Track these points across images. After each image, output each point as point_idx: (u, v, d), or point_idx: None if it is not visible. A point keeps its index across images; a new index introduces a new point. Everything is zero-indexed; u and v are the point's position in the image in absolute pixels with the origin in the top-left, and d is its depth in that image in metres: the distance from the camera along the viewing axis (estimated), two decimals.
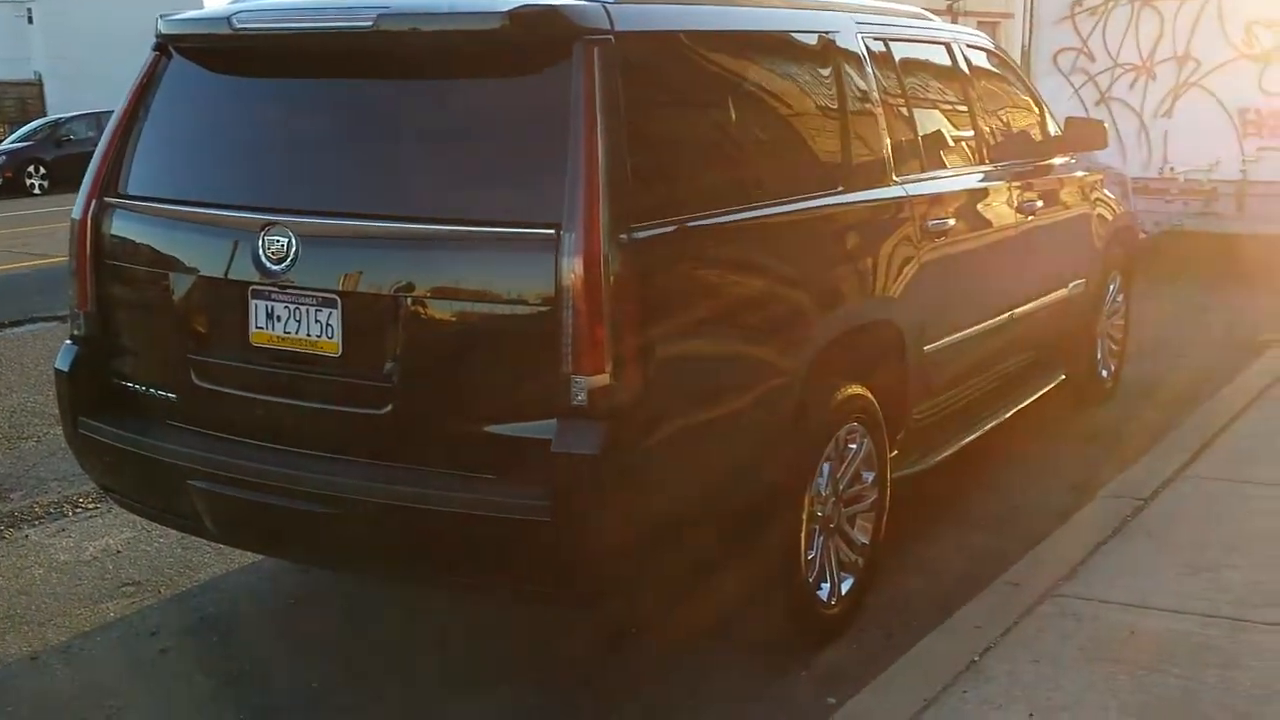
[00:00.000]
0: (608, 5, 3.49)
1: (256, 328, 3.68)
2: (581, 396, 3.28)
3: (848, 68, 4.46)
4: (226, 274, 3.73)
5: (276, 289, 3.62)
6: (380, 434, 3.54)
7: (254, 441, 3.73)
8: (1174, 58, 10.11)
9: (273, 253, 3.60)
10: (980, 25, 38.54)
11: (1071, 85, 10.31)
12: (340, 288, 3.55)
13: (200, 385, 3.81)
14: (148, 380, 3.97)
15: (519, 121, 3.45)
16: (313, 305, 3.59)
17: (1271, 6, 9.67)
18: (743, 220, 3.76)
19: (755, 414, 3.81)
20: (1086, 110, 9.99)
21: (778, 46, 4.27)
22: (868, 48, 4.62)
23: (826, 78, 4.37)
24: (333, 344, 3.57)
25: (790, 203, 3.99)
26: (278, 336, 3.65)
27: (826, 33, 4.44)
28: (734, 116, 3.95)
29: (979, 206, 5.17)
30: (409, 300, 3.49)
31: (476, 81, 3.55)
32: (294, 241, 3.56)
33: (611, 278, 3.26)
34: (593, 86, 3.33)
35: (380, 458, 3.53)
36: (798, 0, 4.63)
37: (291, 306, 3.62)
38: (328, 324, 3.57)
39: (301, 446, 3.65)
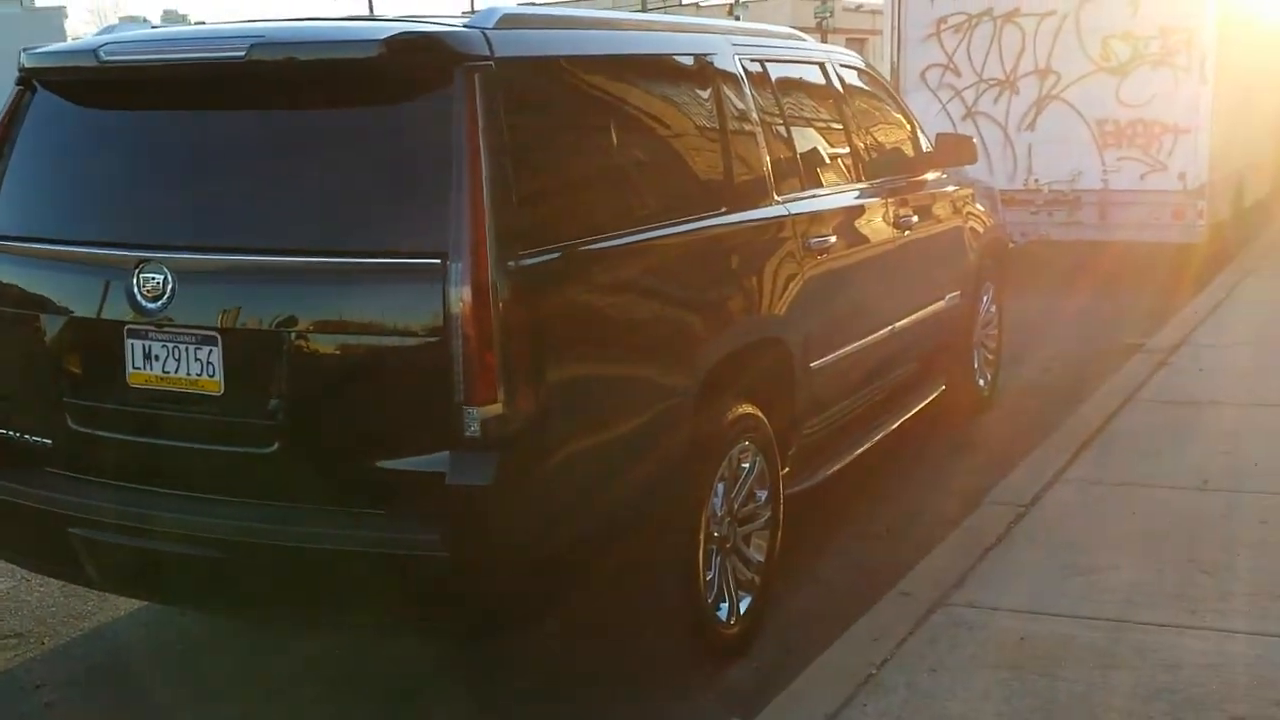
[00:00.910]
0: (486, 31, 3.47)
1: (134, 368, 3.56)
2: (474, 427, 3.24)
3: (726, 89, 4.50)
4: (101, 314, 3.62)
5: (153, 328, 3.52)
6: (267, 473, 3.45)
7: (136, 486, 3.61)
8: (1035, 72, 10.46)
9: (148, 290, 3.49)
10: (848, 42, 39.44)
11: (939, 100, 10.59)
12: (220, 324, 3.46)
13: (78, 430, 3.68)
14: (22, 426, 3.81)
15: (400, 150, 3.40)
16: (192, 343, 3.49)
17: (1126, 21, 10.07)
18: (630, 243, 3.77)
19: (649, 436, 3.81)
20: (954, 124, 10.27)
21: (658, 69, 4.30)
22: (745, 69, 4.67)
23: (706, 99, 4.41)
24: (214, 382, 3.48)
25: (676, 224, 4.00)
26: (156, 376, 3.54)
27: (704, 55, 4.48)
28: (617, 140, 3.95)
29: (858, 223, 5.27)
30: (292, 335, 3.41)
31: (355, 110, 3.49)
32: (170, 278, 3.47)
33: (500, 306, 3.24)
34: (474, 113, 3.30)
35: (268, 497, 3.44)
36: (675, 23, 4.68)
37: (170, 345, 3.52)
38: (208, 362, 3.48)
39: (186, 489, 3.54)
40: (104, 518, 3.58)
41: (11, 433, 3.83)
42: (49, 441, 3.75)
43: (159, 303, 3.49)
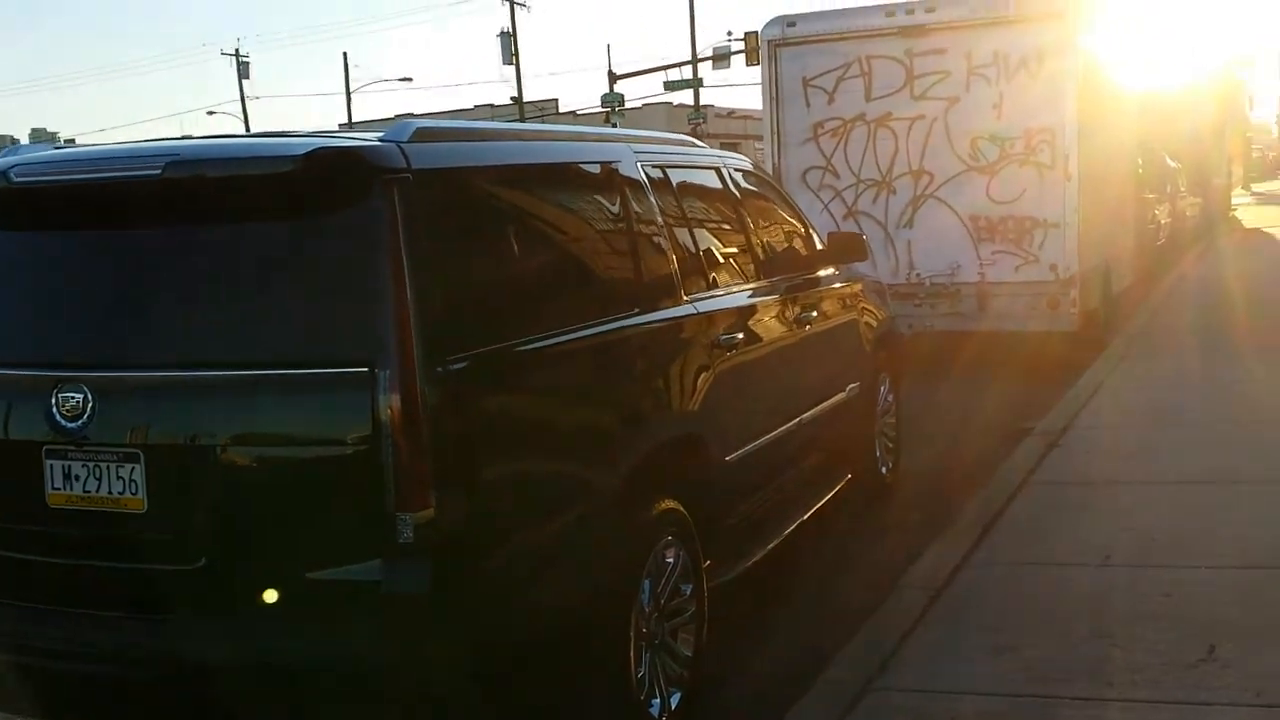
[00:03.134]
0: (402, 145, 3.55)
1: (53, 489, 3.51)
2: (408, 534, 3.25)
3: (631, 195, 4.64)
4: (18, 435, 3.58)
5: (73, 447, 3.48)
6: (195, 590, 3.39)
7: (59, 609, 3.52)
8: (910, 172, 10.91)
9: (67, 410, 3.46)
10: (723, 147, 40.51)
11: (821, 200, 10.96)
12: (143, 442, 3.42)
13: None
14: None
15: (323, 262, 3.44)
16: (113, 461, 3.45)
17: (991, 123, 10.60)
18: (552, 345, 3.84)
19: (578, 536, 3.84)
20: (837, 223, 10.61)
21: (567, 177, 4.42)
22: (647, 175, 4.82)
23: (614, 205, 4.54)
24: (137, 500, 3.43)
25: (594, 326, 4.09)
26: (77, 496, 3.49)
27: (610, 162, 4.62)
28: (533, 246, 4.05)
29: (762, 320, 5.42)
30: (218, 449, 3.40)
31: (275, 224, 3.52)
32: (90, 397, 3.45)
33: (429, 411, 3.27)
34: (395, 224, 3.37)
35: (198, 615, 3.38)
36: (579, 133, 4.82)
37: (90, 464, 3.48)
38: (131, 480, 3.44)
39: (111, 610, 3.47)
40: (27, 642, 3.49)
41: None
42: None
43: (78, 422, 3.46)
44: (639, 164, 4.80)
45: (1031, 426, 8.20)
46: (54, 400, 3.45)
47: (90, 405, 3.43)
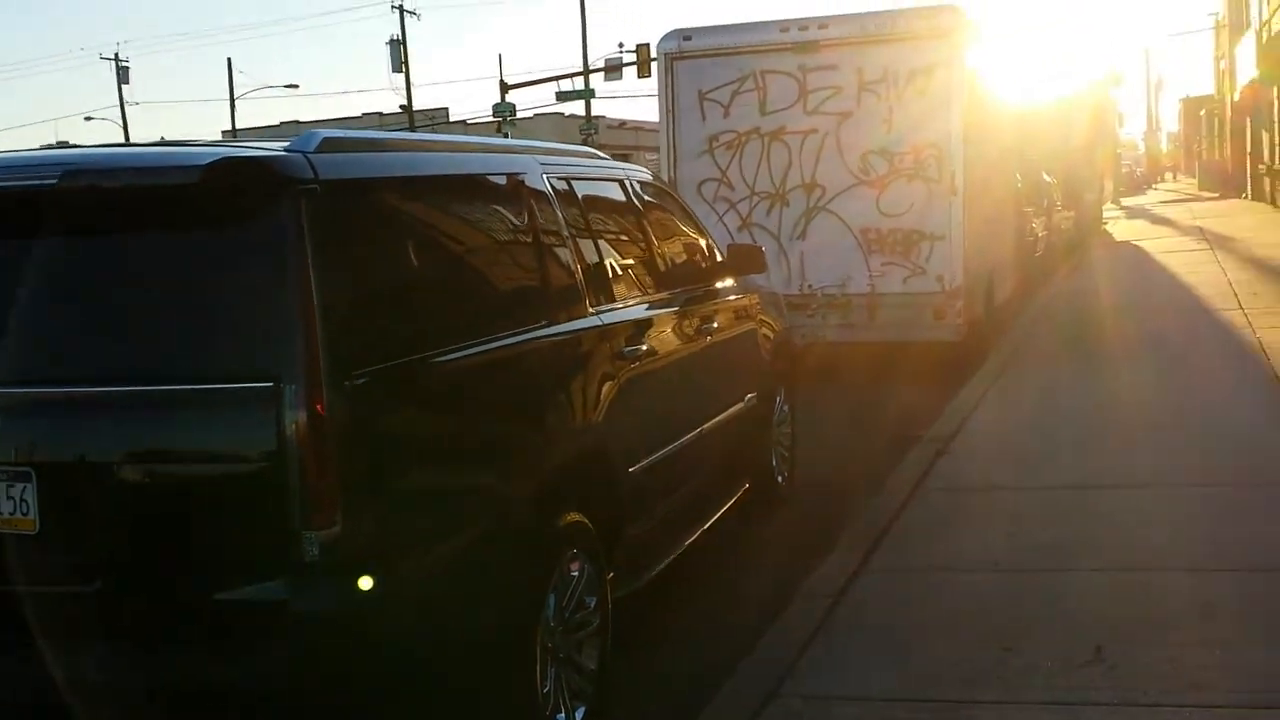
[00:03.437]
0: (309, 155, 3.51)
1: None
2: (314, 551, 3.20)
3: (538, 206, 4.64)
4: None
5: None
6: (91, 613, 3.29)
7: None
8: (803, 185, 11.10)
9: None
10: (615, 157, 40.64)
11: (716, 212, 11.08)
12: (34, 459, 3.31)
13: None
14: None
15: (228, 275, 3.37)
16: (3, 481, 3.32)
17: (881, 138, 10.84)
18: (458, 358, 3.82)
19: (485, 550, 3.82)
20: (731, 235, 10.74)
21: (474, 189, 4.41)
22: (553, 187, 4.83)
23: (521, 217, 4.54)
24: (28, 521, 3.32)
25: (502, 338, 4.08)
26: None
27: (516, 174, 4.62)
28: (441, 257, 4.03)
29: (665, 331, 5.47)
30: (115, 467, 3.31)
31: (177, 236, 3.44)
32: None
33: (336, 426, 3.23)
34: (301, 236, 3.32)
35: (95, 639, 3.27)
36: (486, 144, 4.81)
37: None
38: (21, 499, 3.32)
39: (4, 634, 3.33)
40: None
41: None
42: None
43: None
44: (544, 176, 4.80)
45: (921, 434, 8.39)
46: None
47: None
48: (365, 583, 3.21)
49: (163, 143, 4.19)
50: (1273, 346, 10.63)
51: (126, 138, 51.69)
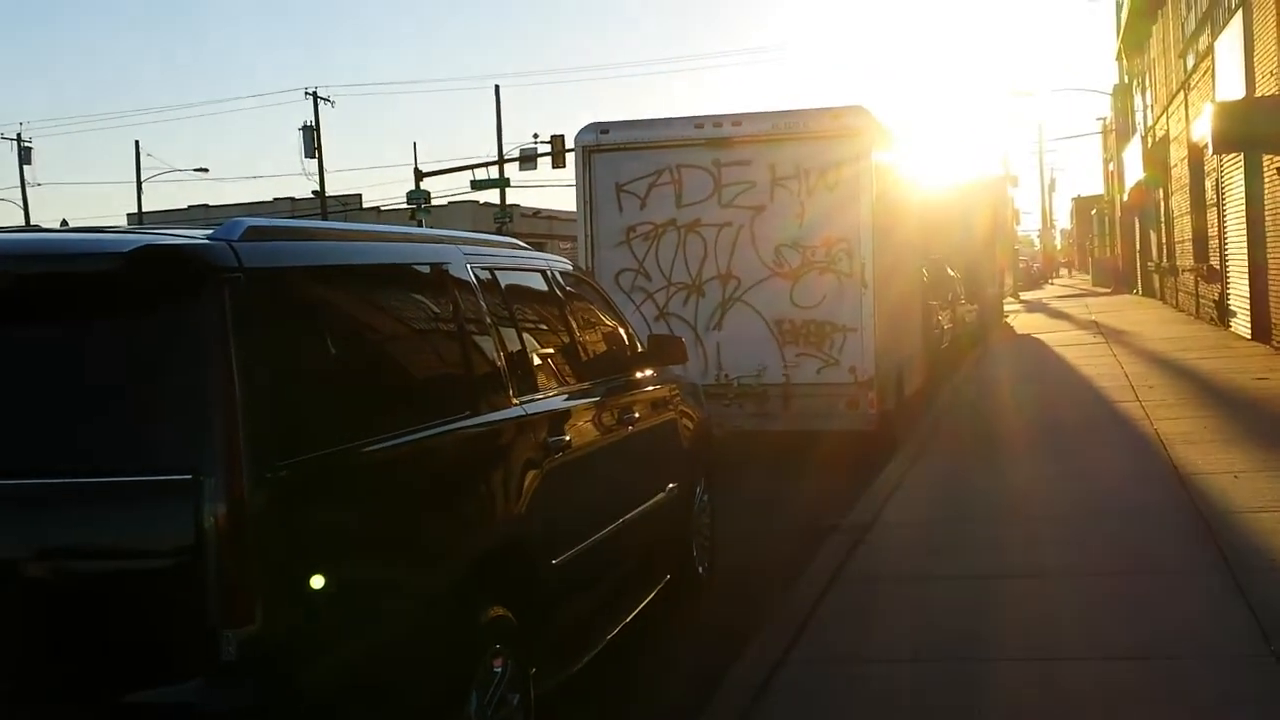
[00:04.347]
0: (233, 243, 3.46)
1: None
2: (231, 650, 3.10)
3: (461, 296, 4.63)
4: None
5: None
6: None
7: None
8: (718, 276, 11.25)
9: None
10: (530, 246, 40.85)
11: (633, 302, 11.14)
12: None
13: None
14: None
15: (146, 363, 3.29)
16: None
17: (794, 232, 11.05)
18: (381, 449, 3.76)
19: (407, 647, 3.73)
20: (648, 324, 10.82)
21: (399, 278, 4.39)
22: (476, 277, 4.83)
23: (445, 306, 4.52)
24: None
25: (424, 428, 4.04)
26: None
27: (440, 264, 4.61)
28: (364, 347, 3.99)
29: (587, 421, 5.45)
30: (23, 563, 3.18)
31: (94, 324, 3.36)
32: None
33: (255, 520, 3.16)
34: (224, 325, 3.27)
35: None
36: (409, 234, 4.80)
37: None
38: None
39: None
40: None
41: None
42: None
43: None
44: (468, 266, 4.80)
45: (837, 524, 8.44)
46: None
47: None
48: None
49: (65, 226, 4.11)
50: (1169, 437, 10.95)
51: (27, 219, 50.67)
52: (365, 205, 52.52)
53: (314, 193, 49.88)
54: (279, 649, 3.17)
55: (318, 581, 3.35)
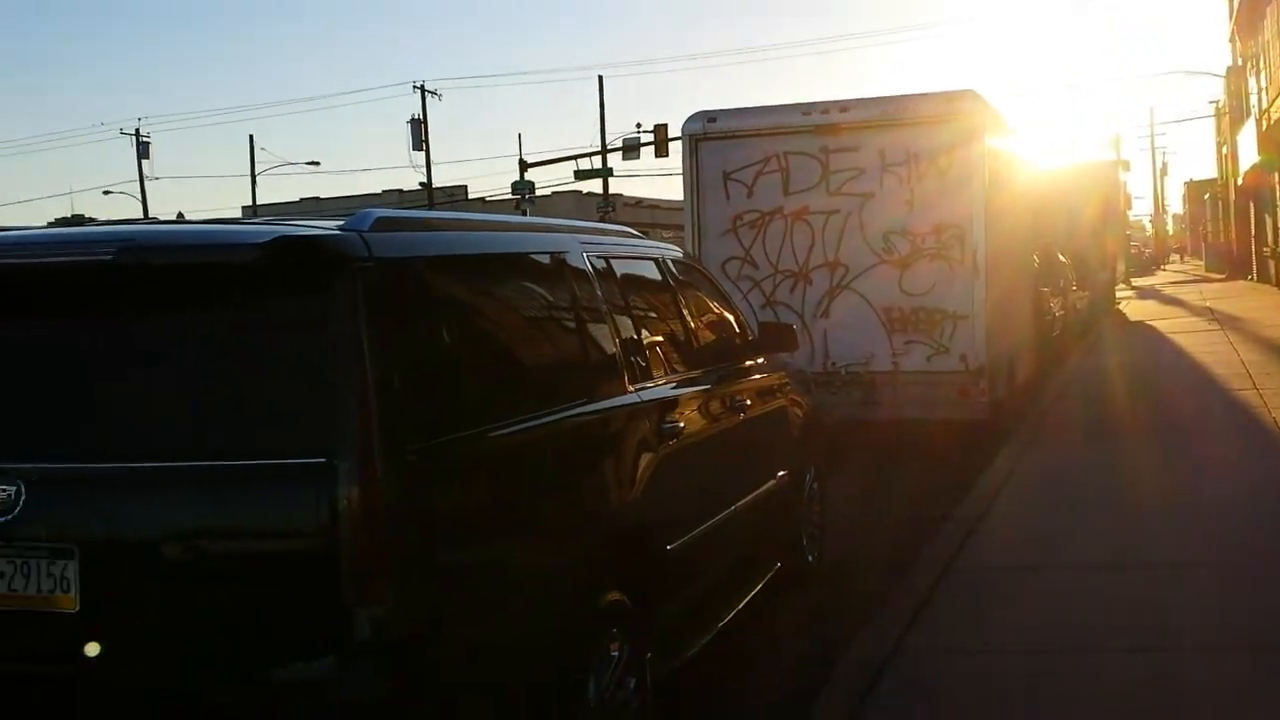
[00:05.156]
0: (364, 234, 3.55)
1: None
2: (364, 630, 3.18)
3: (578, 285, 4.68)
4: None
5: (0, 542, 3.32)
6: (132, 696, 3.26)
7: None
8: (826, 264, 11.17)
9: None
10: None
11: (740, 290, 11.12)
12: (78, 537, 3.30)
13: None
14: None
15: (280, 351, 3.39)
16: (44, 558, 3.31)
17: (904, 219, 10.93)
18: (506, 434, 3.83)
19: (529, 631, 3.79)
20: (755, 313, 10.79)
21: (519, 267, 4.45)
22: (593, 265, 4.87)
23: (562, 295, 4.57)
24: (69, 599, 3.29)
25: (544, 415, 4.09)
26: (1, 595, 3.33)
27: (558, 253, 4.66)
28: (487, 334, 4.07)
29: (701, 408, 5.47)
30: (162, 544, 3.30)
31: (231, 312, 3.46)
32: (22, 490, 3.30)
33: (388, 503, 3.23)
34: (356, 313, 3.35)
35: None
36: (528, 223, 4.86)
37: (18, 560, 3.33)
38: (63, 577, 3.30)
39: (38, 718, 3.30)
40: None
41: None
42: None
43: (8, 516, 3.31)
44: (585, 254, 4.85)
45: (949, 513, 8.34)
46: None
47: (22, 499, 3.30)
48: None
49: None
50: None
51: (145, 212, 52.26)
52: (471, 196, 53.17)
53: (421, 184, 50.66)
54: (409, 629, 3.25)
55: (444, 564, 3.43)
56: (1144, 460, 9.93)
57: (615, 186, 48.47)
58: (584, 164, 43.85)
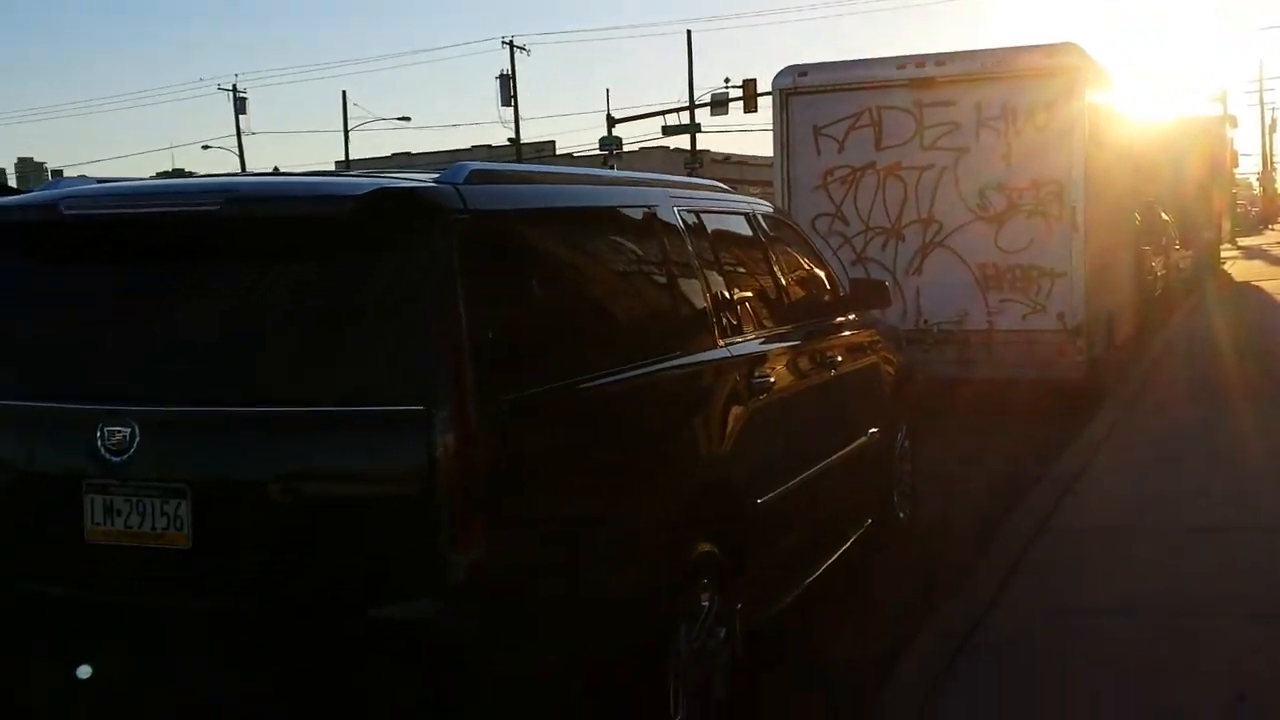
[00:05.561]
0: (459, 186, 3.59)
1: (93, 524, 3.48)
2: (462, 574, 3.24)
3: (669, 239, 4.68)
4: (58, 469, 3.57)
5: (116, 482, 3.45)
6: (241, 629, 3.38)
7: (97, 647, 3.48)
8: (919, 220, 11.01)
9: (113, 444, 3.43)
10: None
11: (830, 247, 11.01)
12: (190, 477, 3.41)
13: (32, 590, 3.55)
14: None
15: (378, 301, 3.45)
16: (157, 497, 3.43)
17: (1000, 174, 10.72)
18: (598, 386, 3.86)
19: (621, 578, 3.84)
20: (846, 270, 10.68)
21: (610, 221, 4.46)
22: (683, 220, 4.87)
23: (653, 248, 4.58)
24: (182, 536, 3.41)
25: (636, 367, 4.11)
26: (118, 532, 3.46)
27: (649, 207, 4.67)
28: (579, 287, 4.09)
29: (792, 364, 5.45)
30: (268, 486, 3.39)
31: (331, 263, 3.52)
32: (136, 431, 3.42)
33: (484, 450, 3.28)
34: (451, 264, 3.39)
35: (243, 656, 3.35)
36: (618, 177, 4.87)
37: (133, 500, 3.45)
38: (176, 515, 3.42)
39: (152, 649, 3.43)
40: (61, 682, 3.44)
41: None
42: None
43: (123, 456, 3.43)
44: (675, 209, 4.84)
45: (1043, 473, 8.22)
46: (99, 434, 3.43)
47: (137, 440, 3.42)
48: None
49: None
50: None
51: (243, 166, 53.31)
52: (558, 152, 53.30)
53: (509, 140, 50.89)
54: (503, 573, 3.31)
55: (537, 511, 3.49)
56: (1249, 422, 9.66)
57: (703, 142, 48.37)
58: (672, 119, 43.67)
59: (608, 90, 63.81)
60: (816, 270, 6.41)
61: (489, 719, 3.31)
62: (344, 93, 57.89)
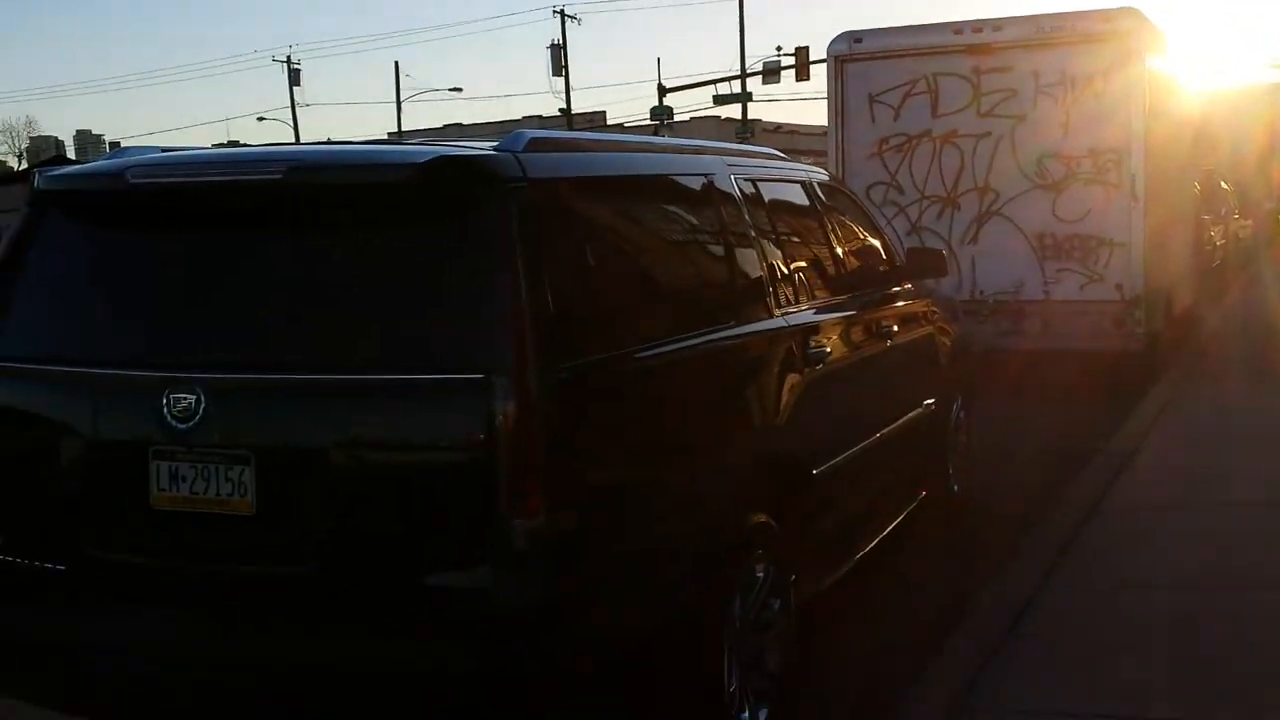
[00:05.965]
0: (518, 154, 3.59)
1: (159, 490, 3.52)
2: (521, 541, 3.26)
3: (726, 207, 4.65)
4: (124, 435, 3.61)
5: (182, 448, 3.49)
6: (303, 594, 3.42)
7: (160, 612, 3.54)
8: (975, 189, 10.87)
9: (179, 411, 3.48)
10: None
11: (885, 216, 10.91)
12: (254, 444, 3.45)
13: (96, 555, 3.61)
14: (34, 554, 3.73)
15: (439, 269, 3.46)
16: (222, 464, 3.47)
17: (1058, 142, 10.55)
18: (657, 355, 3.86)
19: (677, 547, 3.85)
20: (901, 239, 10.58)
21: (668, 189, 4.45)
22: (740, 189, 4.84)
23: (710, 217, 4.56)
24: (246, 502, 3.46)
25: (693, 336, 4.10)
26: (183, 498, 3.51)
27: (707, 175, 4.64)
28: (638, 255, 4.09)
29: (847, 334, 5.42)
30: (330, 453, 3.43)
31: (393, 231, 3.54)
32: (202, 398, 3.46)
33: (544, 419, 3.29)
34: (511, 232, 3.39)
35: (304, 620, 3.40)
36: (676, 145, 4.85)
37: (199, 466, 3.50)
38: (240, 482, 3.46)
39: (215, 614, 3.49)
40: (126, 647, 3.51)
41: (22, 560, 3.76)
42: (62, 568, 3.68)
43: (189, 423, 3.47)
44: (732, 177, 4.81)
45: (1099, 447, 8.14)
46: (165, 401, 3.47)
47: (202, 407, 3.46)
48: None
49: (378, 142, 4.34)
50: None
51: (297, 138, 53.69)
52: (609, 122, 53.17)
53: (560, 110, 50.84)
54: (563, 541, 3.32)
55: (596, 480, 3.50)
56: None
57: (754, 111, 47.94)
58: (723, 89, 43.42)
59: (659, 59, 63.96)
60: (872, 239, 6.35)
61: (547, 687, 3.34)
62: (395, 63, 58.17)
